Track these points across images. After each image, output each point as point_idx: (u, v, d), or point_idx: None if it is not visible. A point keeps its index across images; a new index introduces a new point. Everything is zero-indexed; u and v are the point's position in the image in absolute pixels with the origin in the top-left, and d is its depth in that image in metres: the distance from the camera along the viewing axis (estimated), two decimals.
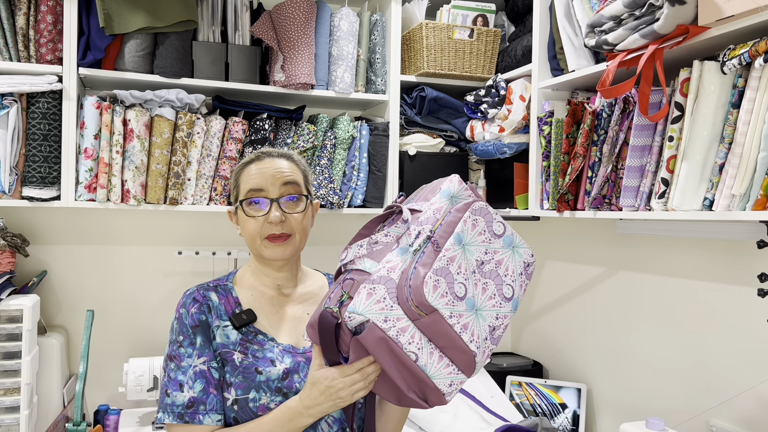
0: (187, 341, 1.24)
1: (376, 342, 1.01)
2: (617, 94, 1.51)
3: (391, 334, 1.00)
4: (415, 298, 0.99)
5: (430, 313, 1.00)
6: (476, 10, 2.30)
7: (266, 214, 1.27)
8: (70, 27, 1.89)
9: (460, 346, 1.02)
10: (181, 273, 2.35)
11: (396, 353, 1.02)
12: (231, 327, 1.25)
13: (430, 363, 1.02)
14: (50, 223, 2.20)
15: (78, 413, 1.87)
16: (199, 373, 1.21)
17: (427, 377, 1.02)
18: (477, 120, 2.27)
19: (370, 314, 1.01)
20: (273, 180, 1.29)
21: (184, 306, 1.27)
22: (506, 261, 1.09)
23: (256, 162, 1.32)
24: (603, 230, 2.12)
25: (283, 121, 2.16)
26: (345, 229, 2.53)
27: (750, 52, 1.28)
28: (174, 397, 1.20)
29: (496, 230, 1.10)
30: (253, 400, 1.20)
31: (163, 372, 1.25)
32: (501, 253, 1.09)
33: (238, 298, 1.30)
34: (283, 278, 1.34)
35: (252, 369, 1.22)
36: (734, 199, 1.34)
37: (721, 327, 1.69)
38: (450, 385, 1.03)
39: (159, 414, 1.22)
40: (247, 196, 1.28)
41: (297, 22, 2.09)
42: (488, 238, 1.08)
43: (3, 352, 1.84)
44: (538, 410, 2.19)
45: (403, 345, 1.01)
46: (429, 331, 1.02)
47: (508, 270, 1.09)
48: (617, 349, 2.06)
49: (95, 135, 1.93)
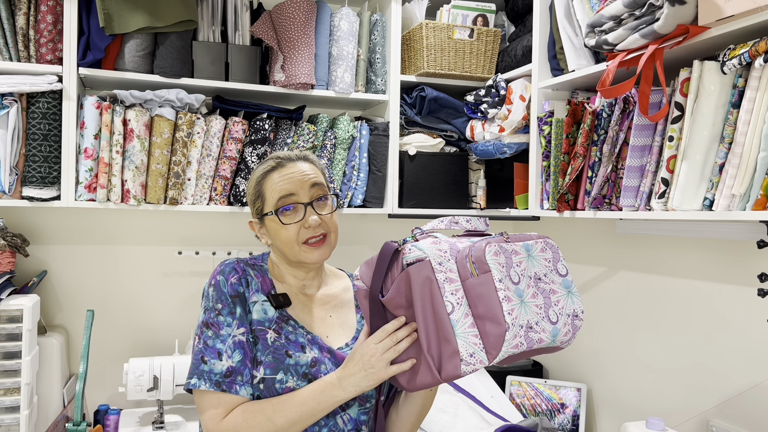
0: (226, 310, 1.23)
1: (423, 279, 1.06)
2: (617, 94, 1.51)
3: (439, 278, 1.06)
4: (474, 254, 1.06)
5: (483, 274, 1.04)
6: (476, 10, 2.30)
7: (302, 219, 1.27)
8: (70, 27, 1.89)
9: (497, 315, 1.03)
10: (181, 273, 2.35)
11: (434, 298, 1.06)
12: (269, 304, 1.26)
13: (461, 321, 1.05)
14: (50, 223, 2.20)
15: (78, 413, 1.87)
16: (238, 344, 1.21)
17: (453, 334, 1.04)
18: (477, 120, 2.27)
19: (429, 252, 1.08)
20: (301, 184, 1.28)
21: (222, 273, 1.26)
22: (560, 296, 1.15)
23: (279, 169, 1.30)
24: (603, 230, 2.12)
25: (283, 121, 2.16)
26: (345, 229, 2.53)
27: (750, 52, 1.28)
28: (212, 364, 1.19)
29: (560, 269, 1.17)
30: (280, 381, 1.20)
31: (197, 339, 1.23)
32: (557, 286, 1.15)
33: (272, 281, 1.31)
34: (309, 278, 1.35)
35: (283, 351, 1.22)
36: (734, 199, 1.34)
37: (721, 327, 1.69)
38: (471, 356, 1.04)
39: (193, 380, 1.19)
40: (279, 205, 1.27)
41: (297, 22, 2.09)
42: (551, 269, 1.16)
43: (3, 352, 1.84)
44: (538, 410, 2.19)
45: (445, 292, 1.06)
46: (473, 294, 1.05)
47: (558, 303, 1.14)
48: (617, 349, 2.06)
49: (95, 135, 1.93)
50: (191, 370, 1.21)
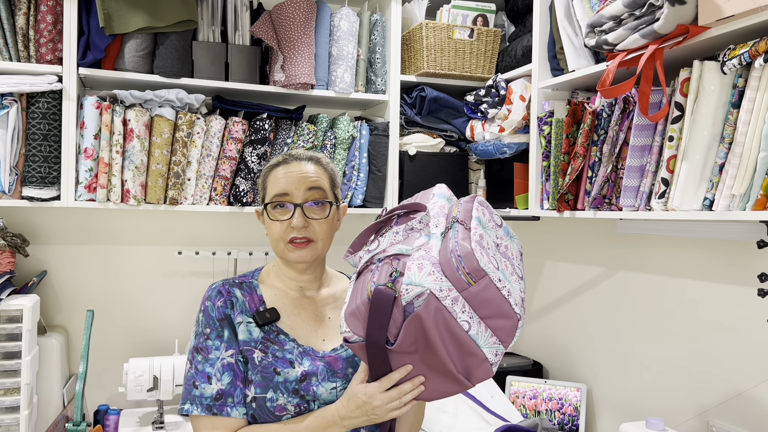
0: (214, 333, 1.24)
1: (434, 314, 1.03)
2: (617, 94, 1.51)
3: (447, 304, 1.03)
4: (467, 265, 1.03)
5: (480, 279, 1.03)
6: (476, 10, 2.30)
7: (289, 219, 1.27)
8: (70, 27, 1.89)
9: (506, 311, 1.04)
10: (181, 273, 2.35)
11: (449, 325, 1.03)
12: (254, 324, 1.26)
13: (480, 332, 1.05)
14: (50, 223, 2.20)
15: (78, 413, 1.87)
16: (227, 366, 1.22)
17: (478, 347, 1.04)
18: (477, 120, 2.27)
19: (427, 284, 1.03)
20: (298, 184, 1.28)
21: (209, 299, 1.28)
22: (510, 247, 1.17)
23: (284, 165, 1.31)
24: (603, 230, 2.12)
25: (283, 121, 2.16)
26: (345, 228, 2.52)
27: (750, 52, 1.28)
28: (202, 389, 1.21)
29: (497, 221, 1.18)
30: (271, 399, 1.21)
31: (189, 364, 1.25)
32: (505, 240, 1.16)
33: (262, 296, 1.31)
34: (306, 280, 1.35)
35: (270, 369, 1.22)
36: (734, 199, 1.34)
37: (721, 327, 1.69)
38: (496, 355, 1.06)
39: (186, 405, 1.21)
40: (272, 200, 1.29)
41: (297, 22, 2.09)
42: (494, 226, 1.16)
43: (3, 352, 1.84)
44: (538, 410, 2.18)
45: (456, 314, 1.03)
46: (475, 300, 1.04)
47: (513, 254, 1.17)
48: (617, 349, 2.06)
49: (95, 135, 1.93)
50: (184, 396, 1.23)
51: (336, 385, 1.24)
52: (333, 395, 1.23)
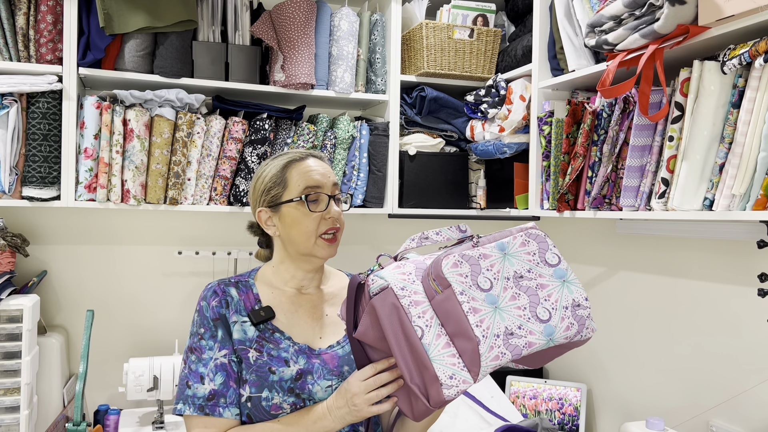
0: (208, 333, 1.25)
1: (389, 308, 1.03)
2: (617, 94, 1.51)
3: (404, 303, 1.02)
4: (434, 271, 1.03)
5: (445, 289, 1.02)
6: (476, 10, 2.30)
7: (326, 209, 1.29)
8: (70, 27, 1.89)
9: (466, 330, 1.00)
10: (181, 273, 2.35)
11: (404, 326, 1.02)
12: (249, 323, 1.26)
13: (434, 344, 1.01)
14: (50, 223, 2.20)
15: (78, 413, 1.87)
16: (220, 366, 1.22)
17: (428, 359, 1.00)
18: (477, 120, 2.27)
19: (390, 279, 1.05)
20: (326, 179, 1.31)
21: (204, 299, 1.28)
22: (551, 289, 1.09)
23: (306, 160, 1.33)
24: (603, 230, 2.12)
25: (283, 121, 2.16)
26: (345, 229, 2.52)
27: (750, 52, 1.28)
28: (195, 389, 1.21)
29: (549, 260, 1.12)
30: (266, 399, 1.21)
31: (183, 364, 1.26)
32: (547, 279, 1.10)
33: (258, 295, 1.31)
34: (309, 278, 1.35)
35: (266, 368, 1.22)
36: (734, 199, 1.34)
37: (721, 327, 1.69)
38: (451, 378, 0.99)
39: (179, 405, 1.22)
40: (306, 192, 1.28)
41: (297, 22, 2.09)
42: (536, 261, 1.10)
43: (3, 352, 1.84)
44: (538, 410, 2.18)
45: (412, 317, 1.02)
46: (441, 312, 1.02)
47: (550, 297, 1.09)
48: (617, 349, 2.06)
49: (95, 135, 1.93)
50: (177, 395, 1.24)
51: (332, 383, 1.24)
52: (329, 393, 1.23)
